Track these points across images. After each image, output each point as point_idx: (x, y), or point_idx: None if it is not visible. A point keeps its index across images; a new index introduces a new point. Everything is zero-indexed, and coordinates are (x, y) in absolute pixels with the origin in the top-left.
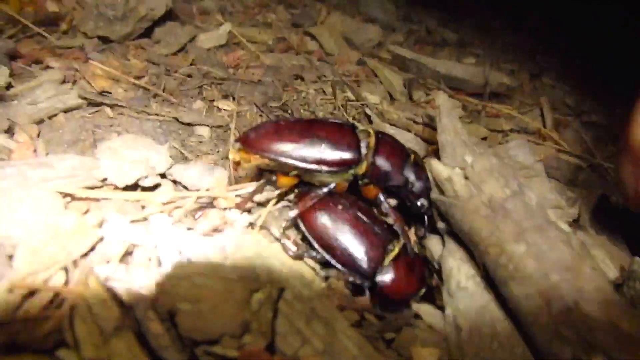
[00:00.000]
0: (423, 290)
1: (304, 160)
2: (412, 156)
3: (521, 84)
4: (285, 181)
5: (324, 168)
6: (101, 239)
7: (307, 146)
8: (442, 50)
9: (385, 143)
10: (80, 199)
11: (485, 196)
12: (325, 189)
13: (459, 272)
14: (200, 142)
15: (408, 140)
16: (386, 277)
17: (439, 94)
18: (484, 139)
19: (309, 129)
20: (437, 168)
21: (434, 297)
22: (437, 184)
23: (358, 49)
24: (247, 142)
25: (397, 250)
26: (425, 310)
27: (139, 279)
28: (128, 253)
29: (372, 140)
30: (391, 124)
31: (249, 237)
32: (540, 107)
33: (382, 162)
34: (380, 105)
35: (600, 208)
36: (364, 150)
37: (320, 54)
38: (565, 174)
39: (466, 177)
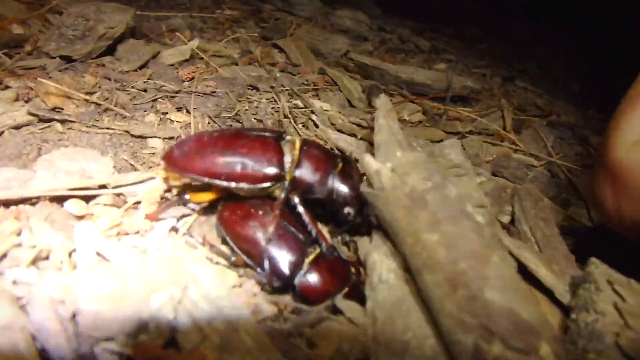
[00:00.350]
0: (344, 291)
1: (226, 179)
2: (340, 164)
3: (491, 87)
4: (201, 197)
5: (246, 186)
6: (17, 245)
7: (229, 164)
8: (414, 58)
9: (309, 155)
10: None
11: (408, 187)
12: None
13: (381, 265)
14: (153, 153)
15: (350, 143)
16: (305, 279)
17: (380, 97)
18: (439, 141)
19: (231, 144)
20: (368, 162)
21: (361, 295)
22: (367, 178)
23: (325, 58)
24: (169, 161)
25: (315, 253)
26: (346, 305)
27: (50, 282)
28: (44, 258)
29: (296, 152)
30: (337, 129)
31: (169, 240)
32: (501, 109)
33: (305, 176)
34: (330, 112)
35: (539, 208)
36: (287, 165)
37: (283, 66)
38: (514, 172)
39: (392, 170)
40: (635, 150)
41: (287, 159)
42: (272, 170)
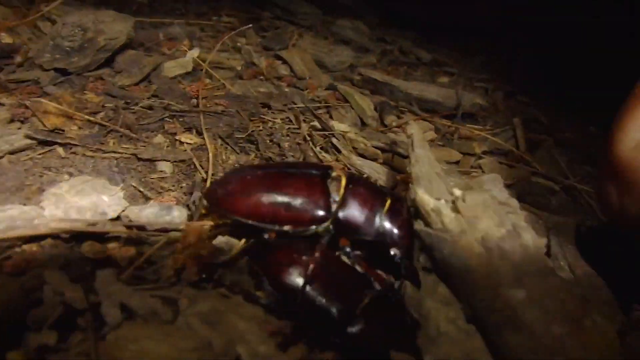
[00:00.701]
0: (398, 339)
1: (271, 221)
2: (388, 201)
3: (495, 102)
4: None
5: (292, 229)
6: (38, 304)
7: (275, 206)
8: (416, 71)
9: (355, 194)
10: (16, 254)
11: (479, 233)
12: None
13: (437, 314)
14: (162, 178)
15: (375, 170)
16: (356, 328)
17: (411, 124)
18: (457, 162)
19: (277, 184)
20: (423, 198)
21: (414, 344)
22: (421, 216)
23: (330, 71)
24: (212, 201)
25: (367, 300)
26: (400, 358)
27: (77, 347)
28: (67, 317)
29: (342, 191)
30: (359, 154)
31: (203, 291)
32: (513, 128)
33: (350, 217)
34: (349, 134)
35: (576, 237)
36: (334, 205)
37: (290, 80)
38: (537, 199)
39: (457, 211)
40: None
41: (333, 198)
42: (318, 212)
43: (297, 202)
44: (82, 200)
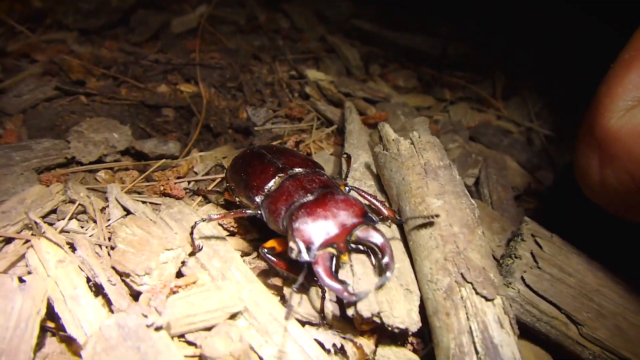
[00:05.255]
0: None
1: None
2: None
3: (488, 54)
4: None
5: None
6: (62, 201)
7: (240, 181)
8: (416, 24)
9: (282, 187)
10: (51, 174)
11: (423, 160)
12: None
13: None
14: (166, 121)
15: (335, 113)
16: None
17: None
18: (428, 107)
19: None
20: (388, 131)
21: None
22: (383, 143)
23: (329, 24)
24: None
25: None
26: None
27: (88, 230)
28: (79, 209)
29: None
30: (328, 100)
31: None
32: (493, 76)
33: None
34: (323, 82)
35: (504, 169)
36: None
37: (287, 32)
38: (491, 139)
39: (411, 143)
40: (628, 117)
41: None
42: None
43: (251, 180)
44: (98, 136)
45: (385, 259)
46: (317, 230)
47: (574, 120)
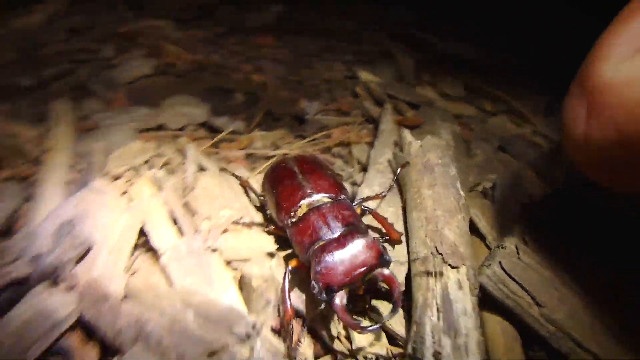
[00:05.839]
0: None
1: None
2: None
3: (538, 69)
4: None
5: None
6: (155, 155)
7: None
8: (469, 35)
9: (307, 217)
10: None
11: (426, 159)
12: None
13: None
14: (237, 104)
15: (376, 111)
16: None
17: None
18: (469, 116)
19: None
20: (405, 135)
21: None
22: (401, 146)
23: (389, 29)
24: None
25: None
26: None
27: (171, 178)
28: (166, 161)
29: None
30: (375, 101)
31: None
32: (539, 94)
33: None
34: (372, 84)
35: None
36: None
37: (349, 34)
38: (518, 150)
39: (421, 146)
40: (623, 66)
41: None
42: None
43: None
44: (183, 109)
45: (394, 299)
46: (336, 275)
47: None
